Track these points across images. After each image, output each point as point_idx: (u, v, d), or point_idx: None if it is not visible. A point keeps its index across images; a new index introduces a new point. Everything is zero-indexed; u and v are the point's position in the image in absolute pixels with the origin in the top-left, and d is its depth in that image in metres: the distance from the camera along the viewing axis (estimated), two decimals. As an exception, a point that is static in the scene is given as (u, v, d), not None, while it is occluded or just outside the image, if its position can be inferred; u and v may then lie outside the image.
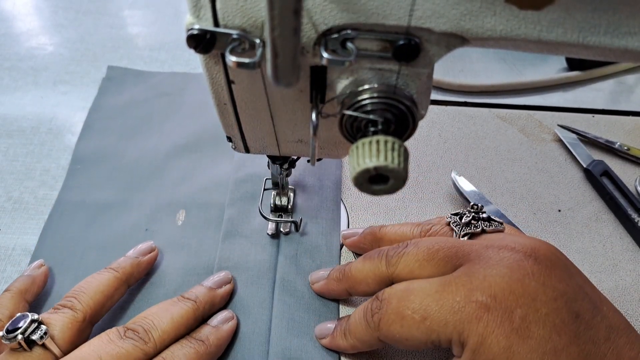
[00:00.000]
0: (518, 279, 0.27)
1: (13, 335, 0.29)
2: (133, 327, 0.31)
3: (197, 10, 0.21)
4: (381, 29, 0.21)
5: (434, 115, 0.54)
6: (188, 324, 0.33)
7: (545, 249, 0.30)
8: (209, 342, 0.33)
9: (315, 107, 0.25)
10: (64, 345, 0.30)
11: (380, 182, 0.22)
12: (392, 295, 0.30)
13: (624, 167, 0.50)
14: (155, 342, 0.31)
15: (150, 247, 0.39)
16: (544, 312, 0.27)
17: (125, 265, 0.36)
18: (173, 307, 0.33)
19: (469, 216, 0.35)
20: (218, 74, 0.25)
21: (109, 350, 0.29)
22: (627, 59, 0.22)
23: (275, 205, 0.42)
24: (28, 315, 0.30)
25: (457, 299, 0.27)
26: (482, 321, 0.26)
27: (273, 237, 0.41)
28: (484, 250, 0.30)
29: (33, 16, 0.66)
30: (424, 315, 0.28)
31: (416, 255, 0.31)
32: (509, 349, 0.26)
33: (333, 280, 0.36)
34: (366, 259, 0.34)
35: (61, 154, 0.49)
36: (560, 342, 0.26)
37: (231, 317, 0.35)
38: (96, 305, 0.33)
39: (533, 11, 0.20)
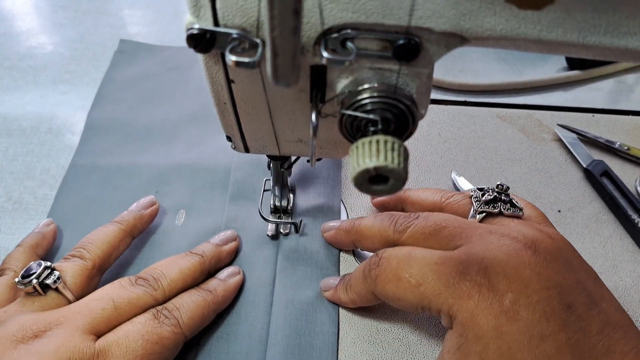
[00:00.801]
0: (513, 266, 0.29)
1: (28, 280, 0.31)
2: (143, 276, 0.33)
3: (197, 9, 0.21)
4: (381, 29, 0.21)
5: (434, 115, 0.54)
6: (195, 276, 0.35)
7: (548, 242, 0.31)
8: (216, 293, 0.35)
9: (315, 106, 0.25)
10: (76, 291, 0.32)
11: (380, 182, 0.22)
12: (393, 257, 0.31)
13: (624, 167, 0.50)
14: (164, 289, 0.33)
15: (151, 200, 0.42)
16: (535, 299, 0.28)
17: (128, 219, 0.39)
18: (181, 260, 0.35)
19: (492, 195, 0.35)
20: (218, 73, 0.25)
21: (121, 294, 0.31)
22: (627, 59, 0.22)
23: (275, 206, 0.42)
24: (41, 262, 0.31)
25: (452, 274, 0.29)
26: (473, 299, 0.28)
27: (273, 239, 0.41)
28: (487, 234, 0.31)
29: (33, 15, 0.66)
30: (420, 281, 0.29)
31: (423, 228, 0.33)
32: (498, 328, 0.27)
33: (342, 230, 0.38)
34: (377, 220, 0.36)
35: (61, 154, 0.49)
36: (548, 327, 0.27)
37: (237, 272, 0.37)
38: (104, 254, 0.35)
39: (533, 11, 0.20)
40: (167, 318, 0.31)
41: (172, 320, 0.31)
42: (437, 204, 0.38)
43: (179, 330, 0.31)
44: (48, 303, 0.31)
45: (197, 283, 0.35)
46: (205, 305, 0.33)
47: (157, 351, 0.30)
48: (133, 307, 0.31)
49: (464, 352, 0.28)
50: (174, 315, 0.32)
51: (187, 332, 0.32)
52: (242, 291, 0.37)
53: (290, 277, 0.38)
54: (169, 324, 0.31)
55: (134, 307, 0.31)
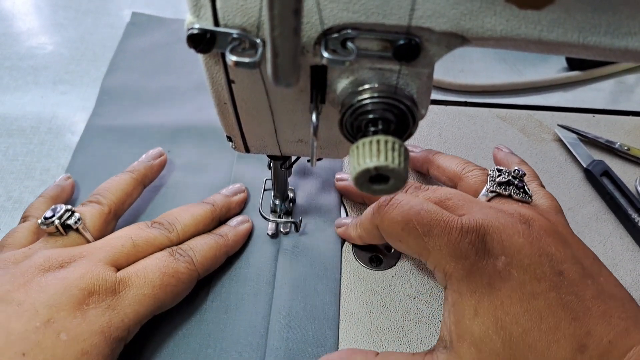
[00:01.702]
0: (508, 234, 0.31)
1: (50, 221, 0.33)
2: (158, 220, 0.36)
3: (197, 9, 0.21)
4: (381, 29, 0.21)
5: (434, 115, 0.54)
6: (206, 222, 0.38)
7: (543, 221, 0.32)
8: (227, 237, 0.37)
9: (315, 107, 0.25)
10: (95, 233, 0.35)
11: (381, 182, 0.22)
12: (407, 201, 0.33)
13: (624, 167, 0.50)
14: (178, 232, 0.36)
15: (159, 151, 0.45)
16: (526, 262, 0.29)
17: (139, 168, 0.42)
18: (193, 208, 0.38)
19: (506, 178, 0.36)
20: (218, 73, 0.25)
21: (139, 233, 0.34)
22: (628, 59, 0.22)
23: (275, 205, 0.42)
24: (63, 205, 0.34)
25: (455, 234, 0.31)
26: (469, 259, 0.30)
27: (273, 237, 0.41)
28: (487, 208, 0.33)
29: (33, 15, 0.66)
30: (425, 232, 0.31)
31: (430, 198, 0.35)
32: (491, 285, 0.29)
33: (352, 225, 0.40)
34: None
35: (61, 154, 0.49)
36: (539, 287, 0.28)
37: (247, 220, 0.40)
38: (118, 200, 0.38)
39: (533, 11, 0.20)
40: (181, 256, 0.34)
41: (187, 257, 0.34)
42: (457, 173, 0.40)
43: (192, 267, 0.34)
44: (70, 242, 0.33)
45: (208, 229, 0.38)
46: (217, 247, 0.36)
47: (173, 283, 0.32)
48: (150, 245, 0.34)
49: (460, 307, 0.30)
50: (188, 254, 0.34)
51: (201, 269, 0.35)
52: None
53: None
54: (184, 260, 0.33)
55: (151, 245, 0.34)
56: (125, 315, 0.30)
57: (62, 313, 0.28)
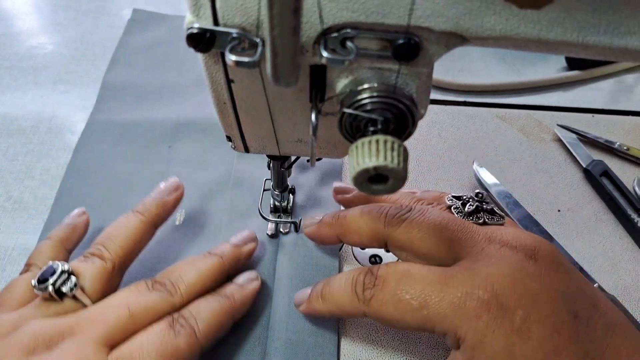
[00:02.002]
0: (520, 280, 0.27)
1: (44, 286, 0.30)
2: (160, 280, 0.32)
3: (196, 9, 0.21)
4: (381, 28, 0.21)
5: (434, 115, 0.54)
6: (214, 278, 0.34)
7: (545, 249, 0.30)
8: (234, 299, 0.33)
9: (314, 106, 0.25)
10: (94, 295, 0.31)
11: (380, 182, 0.22)
12: (391, 276, 0.29)
13: (623, 167, 0.50)
14: (182, 294, 0.32)
15: (177, 184, 0.39)
16: (545, 313, 0.27)
17: (151, 208, 0.37)
18: (199, 262, 0.34)
19: (473, 205, 0.34)
20: (217, 73, 0.25)
21: (137, 300, 0.30)
22: (627, 59, 0.22)
23: (274, 205, 0.42)
24: (59, 265, 0.30)
25: (458, 294, 0.27)
26: (482, 320, 0.26)
27: (272, 238, 0.41)
28: (487, 244, 0.30)
29: (33, 15, 0.66)
30: (423, 304, 0.27)
31: (420, 225, 0.31)
32: (510, 348, 0.26)
33: (325, 224, 0.36)
34: (365, 211, 0.33)
35: (61, 153, 0.49)
36: (560, 341, 0.26)
37: (255, 277, 0.36)
38: (125, 253, 0.34)
39: (533, 10, 0.20)
40: (182, 327, 0.30)
41: (188, 329, 0.30)
42: None
43: (194, 340, 0.30)
44: (64, 308, 0.30)
45: (216, 286, 0.34)
46: (222, 313, 0.32)
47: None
48: (149, 314, 0.30)
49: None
50: (190, 324, 0.30)
51: (204, 341, 0.31)
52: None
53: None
54: (185, 334, 0.30)
55: (150, 314, 0.30)
56: None
57: None
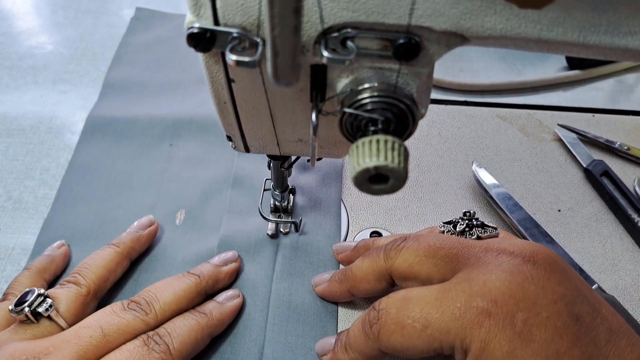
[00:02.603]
0: (518, 283, 0.27)
1: (20, 308, 0.31)
2: (136, 300, 0.33)
3: (197, 8, 0.21)
4: (381, 28, 0.21)
5: (434, 115, 0.54)
6: (190, 297, 0.34)
7: (543, 253, 0.30)
8: (212, 316, 0.34)
9: (315, 106, 0.25)
10: (70, 318, 0.32)
11: (380, 182, 0.22)
12: (390, 305, 0.29)
13: (624, 167, 0.50)
14: (157, 313, 0.32)
15: (150, 220, 0.41)
16: (545, 315, 0.27)
17: (125, 241, 0.39)
18: (176, 282, 0.34)
19: (463, 224, 0.35)
20: (218, 72, 0.25)
21: (111, 320, 0.31)
22: (627, 58, 0.22)
23: (275, 205, 0.42)
24: (35, 290, 0.32)
25: (457, 305, 0.27)
26: (483, 326, 0.26)
27: (272, 238, 0.41)
28: (483, 254, 0.30)
29: (33, 15, 0.66)
30: (425, 323, 0.27)
31: (417, 250, 0.31)
32: (512, 352, 0.26)
33: (335, 281, 0.36)
34: (365, 256, 0.34)
35: (61, 153, 0.49)
36: (562, 344, 0.26)
37: (237, 295, 0.36)
38: (99, 280, 0.35)
39: (533, 10, 0.20)
40: (157, 344, 0.30)
41: (162, 346, 0.30)
42: None
43: (168, 357, 0.30)
44: (41, 331, 0.31)
45: (192, 305, 0.34)
46: (198, 330, 0.32)
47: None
48: (122, 333, 0.31)
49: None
50: (164, 341, 0.31)
51: (178, 358, 0.31)
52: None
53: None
54: (159, 350, 0.30)
55: (123, 333, 0.31)
56: None
57: None
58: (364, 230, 0.43)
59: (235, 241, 0.40)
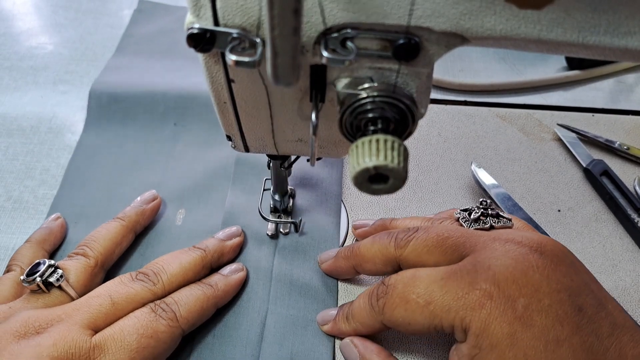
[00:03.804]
0: (522, 270, 0.28)
1: (32, 278, 0.32)
2: (144, 271, 0.34)
3: (197, 9, 0.21)
4: (381, 28, 0.21)
5: (434, 115, 0.54)
6: (196, 270, 0.35)
7: (552, 244, 0.31)
8: (217, 288, 0.35)
9: (315, 106, 0.25)
10: (79, 288, 0.33)
11: (380, 182, 0.22)
12: (399, 281, 0.31)
13: (623, 166, 0.50)
14: (164, 284, 0.33)
15: (153, 195, 0.43)
16: (547, 302, 0.27)
17: (130, 214, 0.40)
18: (182, 255, 0.36)
19: (478, 212, 0.35)
20: (218, 73, 0.25)
21: (120, 290, 0.32)
22: (627, 59, 0.22)
23: (274, 205, 0.42)
24: (46, 260, 0.33)
25: (461, 286, 0.28)
26: (485, 308, 0.27)
27: (272, 238, 0.41)
28: (491, 242, 0.31)
29: (33, 15, 0.66)
30: (428, 300, 0.29)
31: (425, 240, 0.32)
32: (512, 335, 0.27)
33: (341, 257, 0.37)
34: (376, 239, 0.35)
35: (61, 153, 0.49)
36: (562, 332, 0.27)
37: (241, 268, 0.37)
38: (106, 251, 0.36)
39: (533, 10, 0.20)
40: (164, 311, 0.32)
41: (169, 313, 0.32)
42: None
43: (175, 323, 0.32)
44: (52, 300, 0.32)
45: (198, 278, 0.35)
46: (204, 299, 0.33)
47: (152, 345, 0.30)
48: (131, 302, 0.32)
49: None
50: (171, 308, 0.32)
51: (185, 325, 0.32)
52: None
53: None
54: (166, 317, 0.31)
55: (132, 302, 0.32)
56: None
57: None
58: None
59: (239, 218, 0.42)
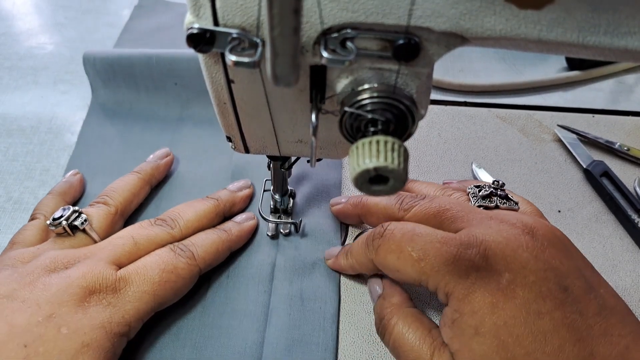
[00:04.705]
0: (512, 249, 0.30)
1: (58, 222, 0.34)
2: (162, 217, 0.37)
3: (196, 9, 0.21)
4: (381, 28, 0.21)
5: (434, 115, 0.54)
6: (210, 217, 0.38)
7: (545, 228, 0.32)
8: (231, 232, 0.38)
9: (315, 107, 0.25)
10: (101, 233, 0.36)
11: (380, 183, 0.22)
12: (398, 229, 0.32)
13: (623, 167, 0.49)
14: (181, 228, 0.36)
15: (166, 152, 0.46)
16: (532, 279, 0.28)
17: (146, 168, 0.43)
18: (197, 203, 0.39)
19: (488, 190, 0.36)
20: (217, 73, 0.25)
21: (141, 232, 0.35)
22: (627, 59, 0.22)
23: (275, 206, 0.42)
24: (70, 207, 0.35)
25: (452, 252, 0.30)
26: (470, 277, 0.29)
27: (272, 238, 0.41)
28: (487, 219, 0.32)
29: (33, 15, 0.66)
30: (421, 256, 0.30)
31: (427, 208, 0.34)
32: (494, 305, 0.28)
33: (350, 204, 0.40)
34: (385, 198, 0.37)
35: (61, 154, 0.49)
36: (544, 306, 0.28)
37: (252, 217, 0.41)
38: (125, 201, 0.39)
39: (533, 10, 0.20)
40: (182, 251, 0.34)
41: (188, 253, 0.34)
42: None
43: (193, 262, 0.34)
44: (77, 242, 0.35)
45: (212, 225, 0.38)
46: (219, 242, 0.36)
47: (172, 279, 0.33)
48: (152, 243, 0.35)
49: (459, 326, 0.29)
50: (189, 249, 0.35)
51: (202, 264, 0.35)
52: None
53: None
54: (185, 256, 0.34)
55: (153, 243, 0.35)
56: (125, 311, 0.31)
57: (64, 309, 0.29)
58: (364, 231, 0.43)
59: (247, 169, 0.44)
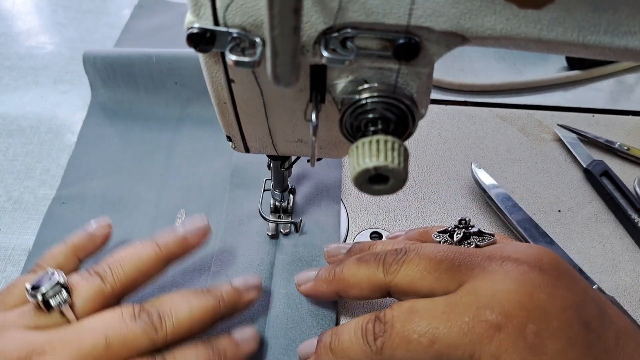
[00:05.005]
0: (527, 293, 0.27)
1: (34, 293, 0.28)
2: (148, 309, 0.30)
3: (196, 8, 0.21)
4: (381, 28, 0.21)
5: (434, 115, 0.54)
6: (205, 321, 0.31)
7: (548, 257, 0.29)
8: (225, 357, 0.31)
9: (315, 106, 0.25)
10: (83, 315, 0.29)
11: (380, 182, 0.22)
12: (396, 318, 0.28)
13: (623, 167, 0.49)
14: (167, 332, 0.29)
15: (204, 228, 0.35)
16: (556, 325, 0.26)
17: (168, 242, 0.33)
18: (195, 299, 0.31)
19: (460, 233, 0.34)
20: (218, 73, 0.25)
21: (117, 329, 0.28)
22: (627, 58, 0.22)
23: (275, 206, 0.42)
24: (55, 275, 0.29)
25: (465, 319, 0.26)
26: (494, 340, 0.25)
27: (272, 238, 0.41)
28: (488, 263, 0.29)
29: (33, 15, 0.66)
30: (432, 339, 0.26)
31: (418, 264, 0.30)
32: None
33: (322, 281, 0.34)
34: (361, 262, 0.32)
35: (61, 154, 0.49)
36: (574, 354, 0.25)
37: (254, 335, 0.33)
38: (128, 281, 0.31)
39: (533, 10, 0.20)
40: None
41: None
42: None
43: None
44: (52, 320, 0.29)
45: (205, 330, 0.31)
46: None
47: None
48: (126, 348, 0.28)
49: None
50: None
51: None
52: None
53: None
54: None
55: (128, 348, 0.28)
56: None
57: None
58: (364, 231, 0.43)
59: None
